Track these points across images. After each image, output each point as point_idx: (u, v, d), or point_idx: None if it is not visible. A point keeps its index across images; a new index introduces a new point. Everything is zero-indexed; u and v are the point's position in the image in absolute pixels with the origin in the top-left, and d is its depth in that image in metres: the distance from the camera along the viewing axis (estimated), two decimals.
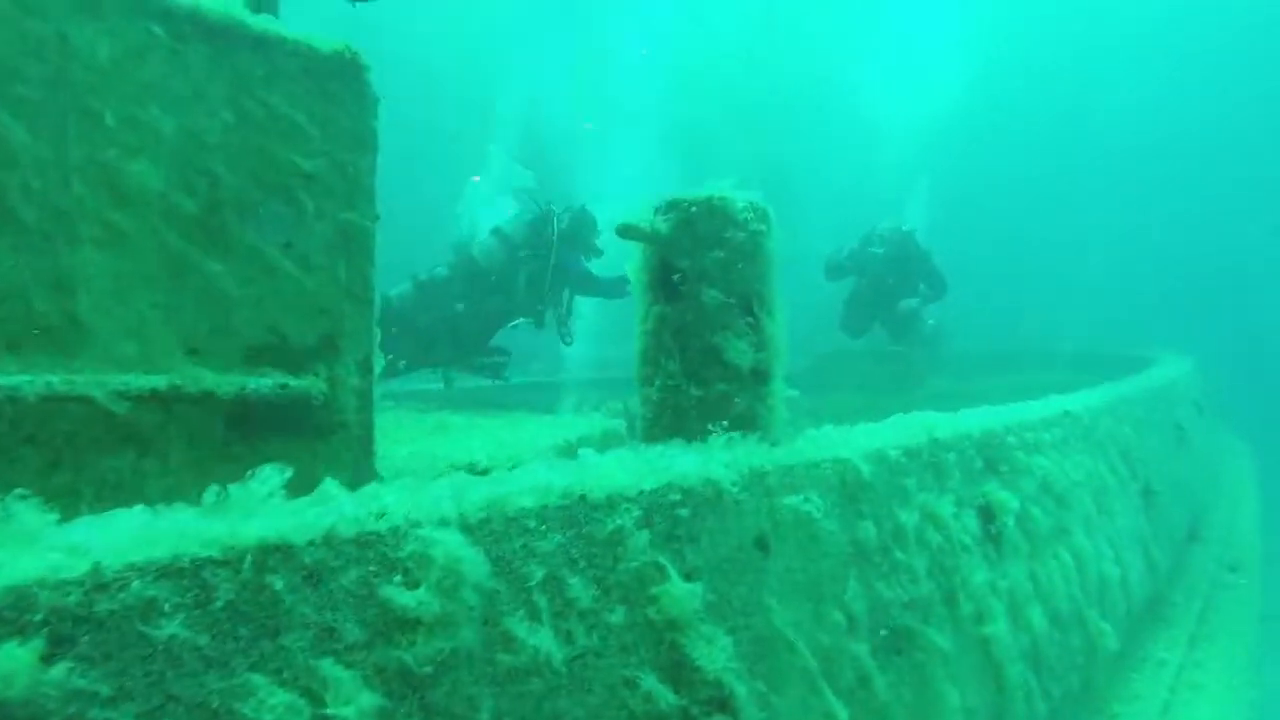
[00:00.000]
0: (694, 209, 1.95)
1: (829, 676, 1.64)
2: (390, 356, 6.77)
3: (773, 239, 2.03)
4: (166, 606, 0.76)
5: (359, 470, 2.28)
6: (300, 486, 2.22)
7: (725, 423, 1.93)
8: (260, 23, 1.92)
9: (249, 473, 1.07)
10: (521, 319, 7.17)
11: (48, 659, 0.69)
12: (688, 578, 1.42)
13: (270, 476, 1.05)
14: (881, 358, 9.31)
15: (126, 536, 0.79)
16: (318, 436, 2.17)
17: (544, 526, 1.21)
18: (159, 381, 1.72)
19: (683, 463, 1.51)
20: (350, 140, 2.20)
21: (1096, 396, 3.80)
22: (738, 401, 1.95)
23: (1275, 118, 29.90)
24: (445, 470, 2.79)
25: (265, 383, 1.99)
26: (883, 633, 1.80)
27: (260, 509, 0.99)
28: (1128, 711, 3.04)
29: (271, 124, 2.01)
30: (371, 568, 1.01)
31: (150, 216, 1.69)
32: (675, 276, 1.96)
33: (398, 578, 1.03)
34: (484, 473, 2.93)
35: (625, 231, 1.91)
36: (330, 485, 1.13)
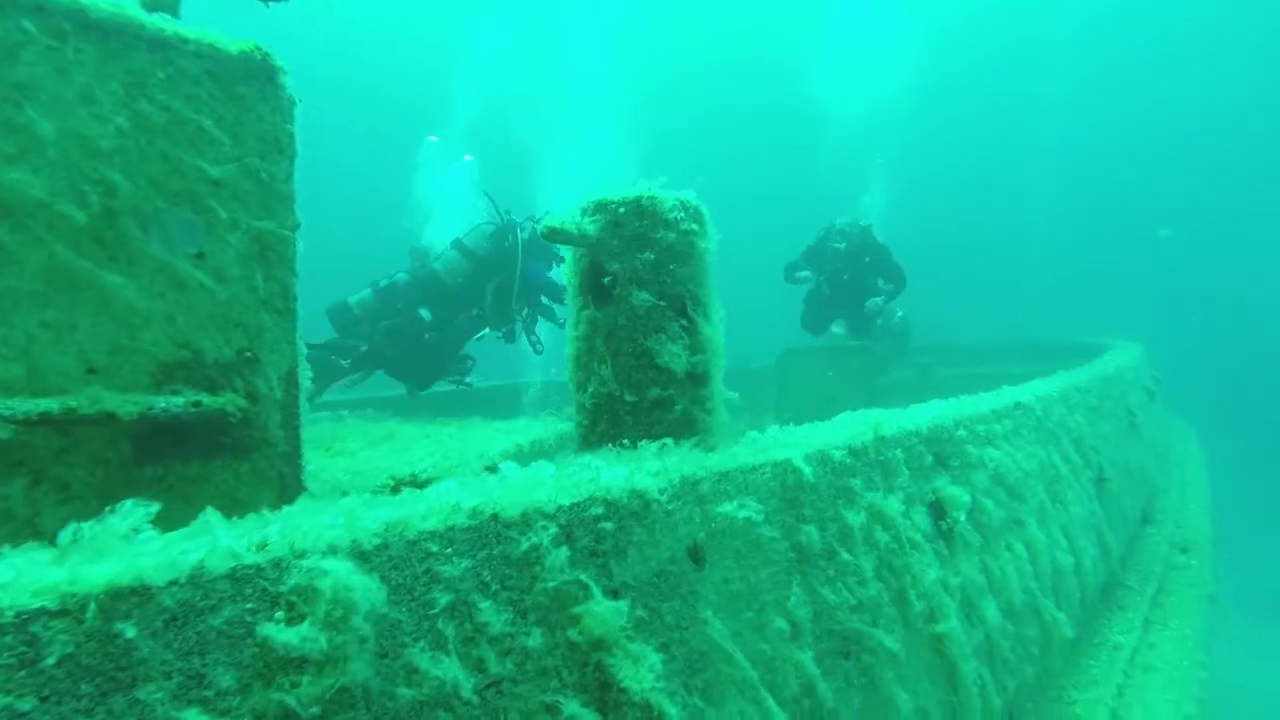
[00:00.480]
0: (622, 210, 1.88)
1: (771, 686, 1.59)
2: (338, 359, 6.60)
3: (707, 238, 1.98)
4: None
5: (286, 488, 2.18)
6: (223, 507, 2.11)
7: (661, 429, 1.88)
8: (156, 22, 1.81)
9: (113, 508, 0.98)
10: (489, 331, 7.02)
11: None
12: (614, 594, 1.35)
13: (131, 511, 0.96)
14: (843, 353, 9.34)
15: None
16: (239, 454, 2.07)
17: (449, 549, 1.14)
18: (51, 404, 1.61)
19: (608, 474, 1.44)
20: (263, 145, 2.10)
21: (1049, 386, 3.82)
22: (674, 406, 1.89)
23: (1230, 104, 30.63)
24: (384, 484, 2.69)
25: (176, 401, 1.88)
26: (824, 642, 1.75)
27: (116, 548, 0.90)
28: (1084, 698, 3.04)
29: (175, 129, 1.90)
30: (249, 605, 0.93)
31: (33, 227, 1.58)
32: (605, 279, 1.90)
33: (280, 613, 0.94)
34: (424, 484, 2.83)
35: (552, 234, 1.84)
36: (210, 515, 1.04)
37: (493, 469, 1.47)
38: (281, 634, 0.92)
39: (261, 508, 2.16)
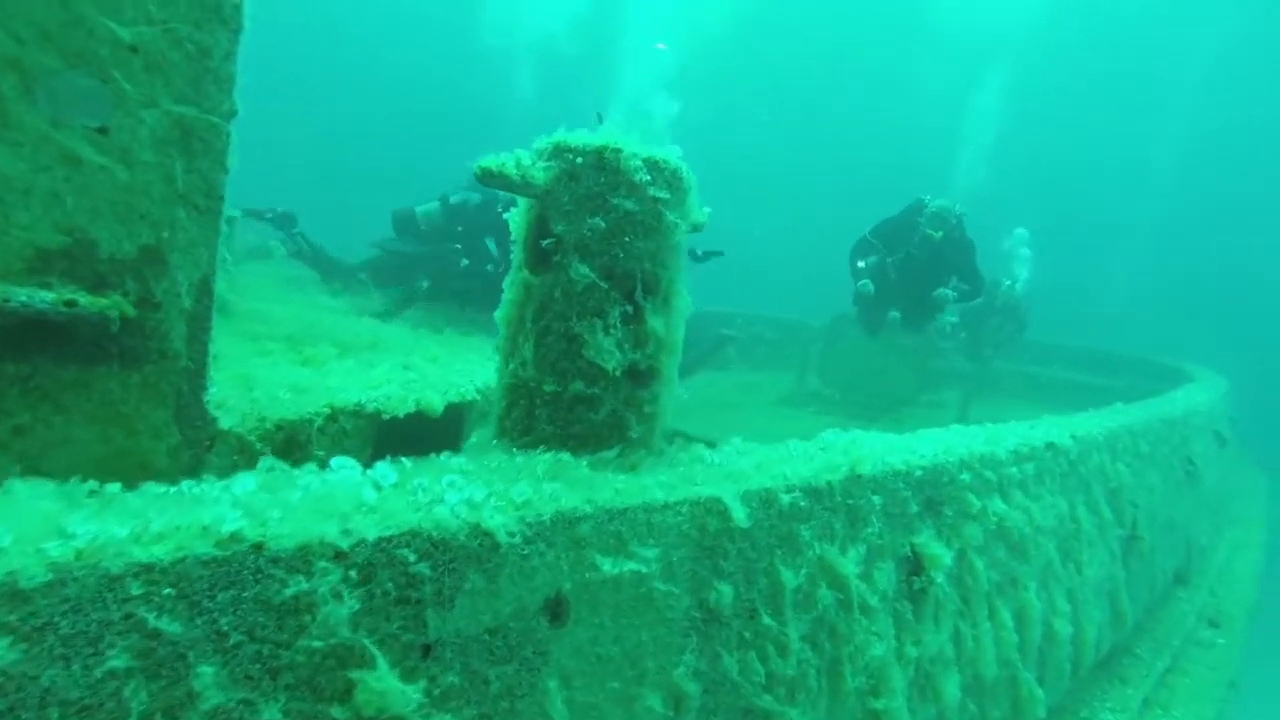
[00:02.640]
0: (580, 160, 1.53)
1: None
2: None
3: (682, 211, 1.61)
4: None
5: (185, 408, 1.97)
6: (104, 420, 1.89)
7: (581, 429, 1.58)
8: None
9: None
10: None
11: None
12: (426, 651, 1.09)
13: None
14: (896, 328, 8.75)
15: None
16: (128, 364, 1.85)
17: (171, 590, 0.87)
18: None
19: (454, 498, 1.16)
20: (199, 12, 1.79)
21: (1094, 424, 3.35)
22: (601, 406, 1.58)
23: None
24: (320, 410, 2.48)
25: (44, 296, 1.65)
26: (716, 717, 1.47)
27: None
28: None
29: None
30: None
31: None
32: (546, 242, 1.57)
33: None
34: (371, 417, 2.58)
35: (486, 177, 1.51)
36: None
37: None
38: None
39: (151, 425, 1.96)
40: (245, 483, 1.07)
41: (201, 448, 1.98)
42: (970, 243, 7.92)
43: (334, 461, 1.20)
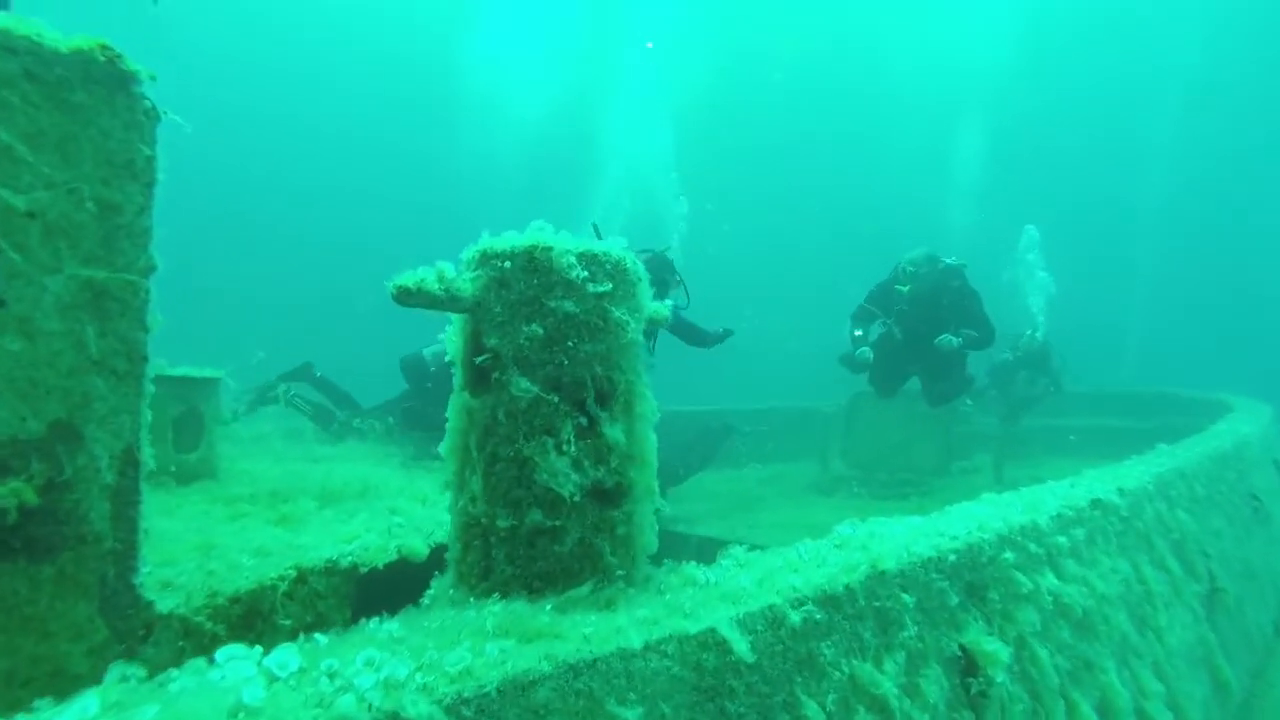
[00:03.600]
0: (508, 264, 1.38)
1: None
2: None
3: (630, 306, 1.44)
4: None
5: (111, 597, 1.76)
6: (9, 627, 1.66)
7: (547, 564, 1.35)
8: None
9: None
10: None
11: None
12: None
13: None
14: (917, 397, 8.46)
15: None
16: (39, 557, 1.65)
17: None
18: None
19: (367, 681, 0.93)
20: (107, 169, 1.71)
21: (1140, 473, 3.06)
22: (565, 536, 1.35)
23: None
24: (285, 573, 2.25)
25: None
26: None
27: None
28: None
29: None
30: None
31: None
32: (480, 359, 1.39)
33: None
34: (345, 573, 2.35)
35: (404, 296, 1.35)
36: None
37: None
38: None
39: (70, 623, 1.74)
40: (85, 705, 0.85)
41: (134, 640, 1.75)
42: (973, 292, 7.64)
43: (220, 653, 0.98)
